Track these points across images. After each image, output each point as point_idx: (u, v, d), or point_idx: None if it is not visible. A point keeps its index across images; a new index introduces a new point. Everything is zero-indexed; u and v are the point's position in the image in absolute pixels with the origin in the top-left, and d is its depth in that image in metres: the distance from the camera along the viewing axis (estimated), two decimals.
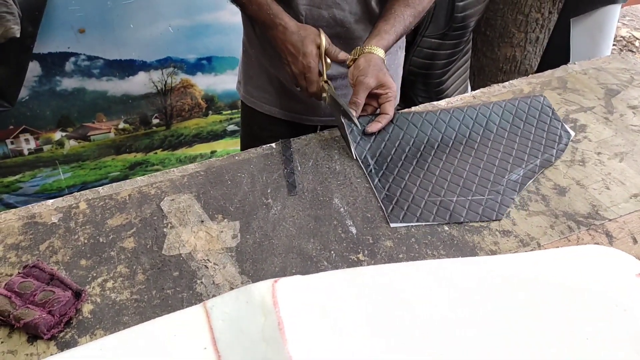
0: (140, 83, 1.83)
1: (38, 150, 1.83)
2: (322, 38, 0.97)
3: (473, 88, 2.01)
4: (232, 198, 0.86)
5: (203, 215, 0.83)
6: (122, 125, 1.90)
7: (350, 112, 0.94)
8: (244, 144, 1.34)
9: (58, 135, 1.82)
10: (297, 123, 1.20)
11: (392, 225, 0.81)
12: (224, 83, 1.95)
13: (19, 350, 0.64)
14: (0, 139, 1.75)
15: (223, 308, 0.63)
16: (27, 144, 1.80)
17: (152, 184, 0.89)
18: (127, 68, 1.78)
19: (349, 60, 0.98)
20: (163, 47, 1.78)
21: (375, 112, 1.01)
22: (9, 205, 1.89)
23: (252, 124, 1.27)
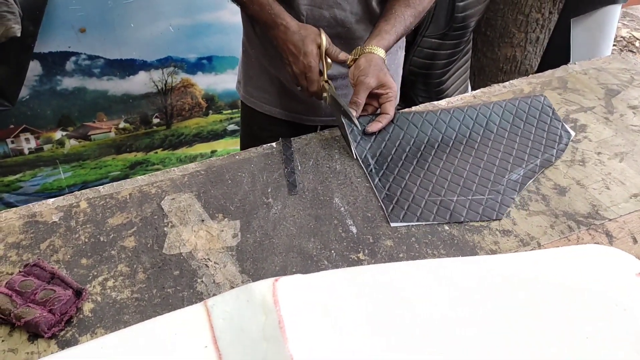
0: (141, 82, 1.83)
1: (38, 150, 1.83)
2: (322, 38, 0.97)
3: (473, 88, 2.01)
4: (232, 197, 0.86)
5: (203, 215, 0.83)
6: (122, 125, 1.90)
7: (350, 112, 0.94)
8: (244, 144, 1.34)
9: (58, 135, 1.83)
10: (297, 123, 1.20)
11: (392, 225, 0.81)
12: (225, 82, 1.95)
13: (20, 349, 0.64)
14: (1, 138, 1.75)
15: (224, 307, 0.63)
16: (27, 143, 1.80)
17: (152, 183, 0.89)
18: (127, 67, 1.78)
19: (350, 60, 0.98)
20: (163, 46, 1.78)
21: (376, 111, 1.01)
22: (9, 205, 1.89)
23: (252, 124, 1.27)
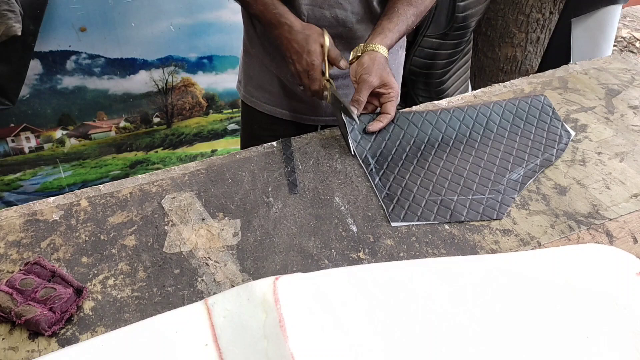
0: (141, 82, 1.83)
1: (39, 149, 1.83)
2: (325, 38, 0.97)
3: (474, 88, 2.01)
4: (233, 196, 0.86)
5: (204, 213, 0.83)
6: (123, 124, 1.90)
7: (352, 110, 0.94)
8: (244, 144, 1.34)
9: (59, 134, 1.83)
10: (297, 123, 1.20)
11: (393, 225, 0.81)
12: (225, 82, 1.95)
13: (20, 347, 0.64)
14: (1, 137, 1.75)
15: (224, 305, 0.64)
16: (28, 142, 1.80)
17: (153, 182, 0.89)
18: (128, 66, 1.78)
19: (352, 57, 0.98)
20: (164, 45, 1.79)
21: (376, 110, 1.01)
22: (10, 204, 1.89)
23: (252, 124, 1.27)
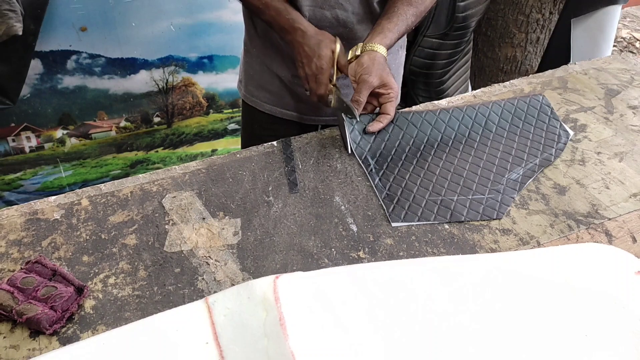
0: (142, 81, 1.83)
1: (39, 148, 1.83)
2: (337, 45, 0.97)
3: (474, 88, 2.01)
4: (233, 195, 0.86)
5: (204, 213, 0.83)
6: (123, 124, 1.91)
7: (354, 109, 0.94)
8: (245, 143, 1.35)
9: (59, 133, 1.83)
10: (298, 122, 1.20)
11: (393, 225, 0.81)
12: (225, 82, 1.96)
13: (22, 345, 0.64)
14: (2, 137, 1.75)
15: (225, 303, 0.64)
16: (28, 142, 1.80)
17: (153, 181, 0.89)
18: (128, 66, 1.78)
19: (350, 56, 0.98)
20: (164, 45, 1.79)
21: (375, 110, 1.01)
22: (10, 203, 1.89)
23: (253, 123, 1.27)
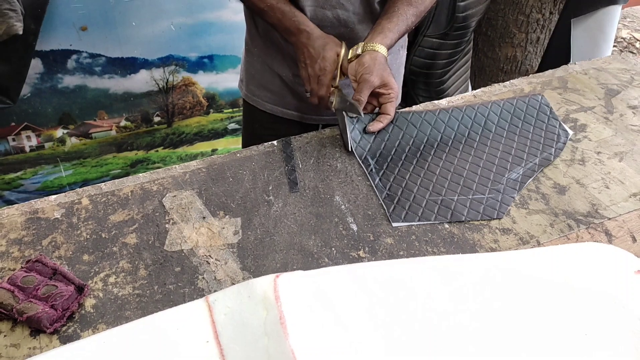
0: (142, 81, 1.83)
1: (39, 148, 1.83)
2: (342, 49, 0.98)
3: (474, 88, 2.01)
4: (233, 195, 0.86)
5: (205, 212, 0.83)
6: (123, 123, 1.91)
7: (357, 106, 0.94)
8: (246, 142, 1.35)
9: (59, 133, 1.83)
10: (299, 122, 1.20)
11: (394, 225, 0.81)
12: (226, 81, 1.96)
13: (22, 344, 0.65)
14: (2, 136, 1.75)
15: (225, 302, 0.64)
16: (28, 141, 1.80)
17: (154, 181, 0.89)
18: (128, 66, 1.78)
19: (351, 56, 0.98)
20: (165, 45, 1.79)
21: (374, 110, 1.01)
22: (10, 202, 1.89)
23: (254, 122, 1.27)
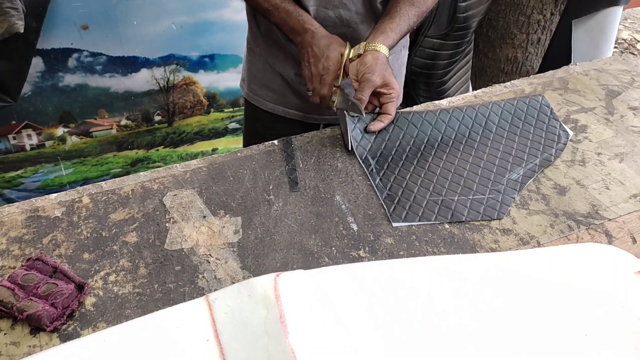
0: (143, 80, 1.83)
1: (40, 146, 1.83)
2: (346, 50, 0.98)
3: (474, 88, 2.01)
4: (234, 194, 0.86)
5: (205, 211, 0.83)
6: (124, 122, 1.91)
7: (360, 105, 0.94)
8: (247, 142, 1.34)
9: (60, 131, 1.83)
10: (300, 121, 1.20)
11: (394, 225, 0.81)
12: (226, 81, 1.96)
13: (22, 342, 0.65)
14: (3, 135, 1.75)
15: (225, 301, 0.64)
16: (29, 140, 1.80)
17: (154, 179, 0.89)
18: (129, 65, 1.78)
19: (353, 55, 0.98)
20: (166, 44, 1.79)
21: (375, 110, 1.01)
22: (10, 201, 1.89)
23: (255, 122, 1.27)
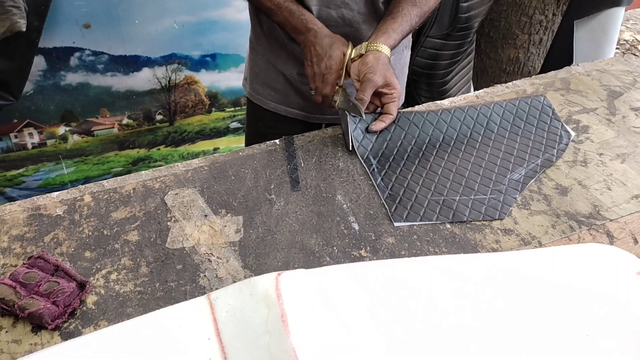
0: (145, 79, 1.84)
1: (42, 145, 1.84)
2: (349, 49, 0.98)
3: (476, 89, 2.01)
4: (235, 193, 0.86)
5: (207, 210, 0.83)
6: (125, 121, 1.91)
7: (360, 107, 0.94)
8: (249, 141, 1.34)
9: (62, 130, 1.83)
10: (302, 120, 1.20)
11: (395, 225, 0.81)
12: (228, 80, 1.96)
13: (23, 340, 0.65)
14: (5, 133, 1.75)
15: (227, 300, 0.64)
16: (30, 138, 1.80)
17: (156, 178, 0.89)
18: (131, 64, 1.79)
19: (355, 55, 0.98)
20: (168, 43, 1.79)
21: (376, 110, 1.01)
22: (12, 199, 1.89)
23: (257, 121, 1.27)
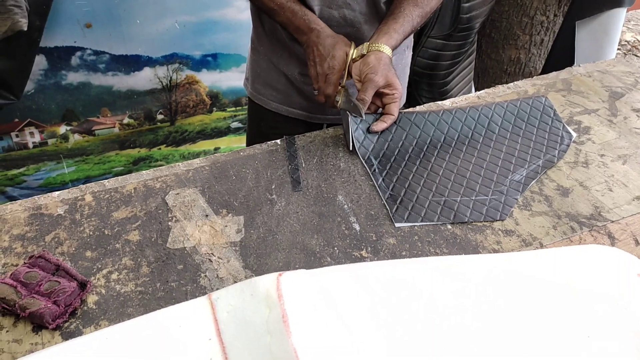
0: (146, 78, 1.84)
1: (43, 144, 1.84)
2: (351, 49, 0.98)
3: (477, 89, 2.01)
4: (236, 193, 0.86)
5: (207, 210, 0.83)
6: (126, 121, 1.91)
7: (361, 107, 0.94)
8: (251, 141, 1.35)
9: (63, 129, 1.83)
10: (304, 121, 1.20)
11: (397, 225, 0.81)
12: (229, 80, 1.96)
13: (24, 340, 0.65)
14: (6, 132, 1.75)
15: (228, 300, 0.64)
16: (32, 138, 1.81)
17: (157, 178, 0.89)
18: (132, 63, 1.79)
19: (356, 55, 0.98)
20: (169, 43, 1.79)
21: (378, 111, 1.01)
22: (13, 199, 1.89)
23: (259, 121, 1.27)
